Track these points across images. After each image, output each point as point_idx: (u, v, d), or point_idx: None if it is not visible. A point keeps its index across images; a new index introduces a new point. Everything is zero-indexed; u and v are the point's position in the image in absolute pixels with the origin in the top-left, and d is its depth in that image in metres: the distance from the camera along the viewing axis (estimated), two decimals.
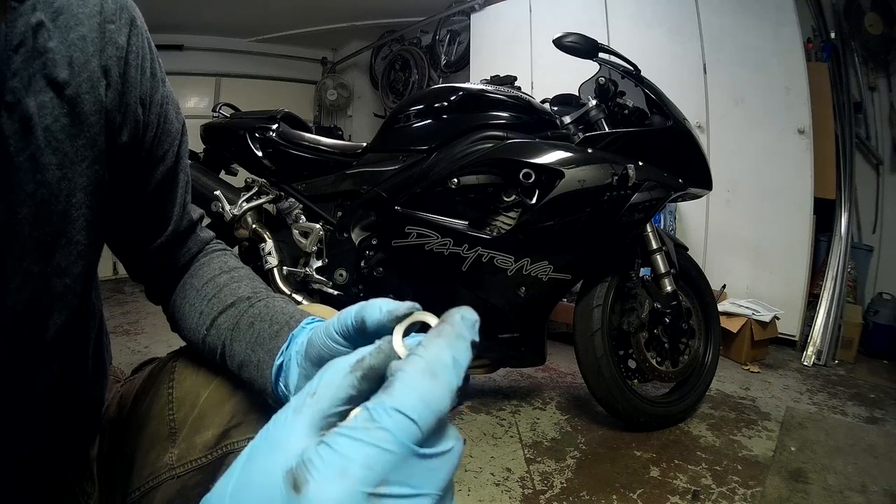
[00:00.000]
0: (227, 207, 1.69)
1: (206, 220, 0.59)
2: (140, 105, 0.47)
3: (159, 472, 0.53)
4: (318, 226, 1.67)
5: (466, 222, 1.55)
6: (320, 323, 0.41)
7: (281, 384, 0.43)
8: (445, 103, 1.62)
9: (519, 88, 1.75)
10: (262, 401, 0.48)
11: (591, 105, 1.67)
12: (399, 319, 0.31)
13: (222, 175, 1.88)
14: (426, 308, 0.33)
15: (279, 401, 0.44)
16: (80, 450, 0.56)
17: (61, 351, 0.46)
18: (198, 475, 0.53)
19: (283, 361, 0.42)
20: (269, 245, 1.68)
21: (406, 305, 0.31)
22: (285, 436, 0.23)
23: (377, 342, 0.28)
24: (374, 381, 0.25)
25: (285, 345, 0.43)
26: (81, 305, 0.47)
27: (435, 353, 0.23)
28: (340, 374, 0.25)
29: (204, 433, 0.52)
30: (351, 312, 0.34)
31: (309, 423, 0.23)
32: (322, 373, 0.26)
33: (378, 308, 0.32)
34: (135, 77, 0.46)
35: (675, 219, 2.78)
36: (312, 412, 0.24)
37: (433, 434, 0.21)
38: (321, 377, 0.25)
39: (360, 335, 0.34)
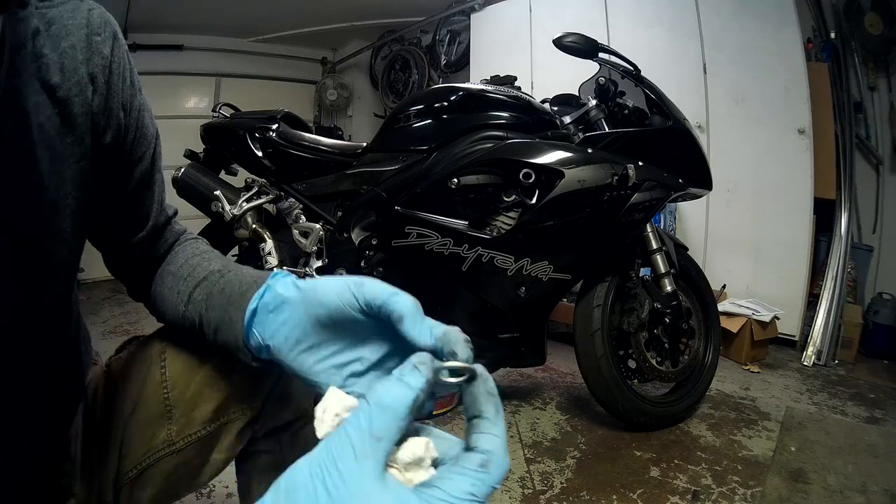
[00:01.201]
0: (227, 207, 1.69)
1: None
2: (122, 110, 0.51)
3: (156, 450, 0.56)
4: (318, 226, 1.67)
5: (466, 222, 1.55)
6: (317, 281, 0.41)
7: (256, 333, 0.44)
8: (445, 103, 1.62)
9: (519, 88, 1.75)
10: (256, 373, 0.50)
11: (591, 105, 1.67)
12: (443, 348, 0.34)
13: (222, 175, 1.88)
14: (425, 309, 0.35)
15: (251, 351, 0.45)
16: (58, 433, 0.57)
17: (41, 332, 0.49)
18: (197, 446, 0.57)
19: (256, 307, 0.44)
20: (269, 245, 1.68)
21: (447, 335, 0.34)
22: (362, 488, 0.25)
23: (425, 379, 0.30)
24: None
25: (260, 291, 0.44)
26: (64, 290, 0.50)
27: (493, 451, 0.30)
28: (400, 415, 0.28)
29: (203, 407, 0.56)
30: (381, 300, 0.36)
31: (379, 469, 0.26)
32: (376, 411, 0.27)
33: (423, 329, 0.34)
34: (117, 85, 0.50)
35: (675, 219, 2.78)
36: (380, 457, 0.27)
37: None
38: (379, 416, 0.27)
39: (384, 323, 0.36)
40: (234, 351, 0.48)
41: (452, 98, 1.62)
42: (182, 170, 1.75)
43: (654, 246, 1.68)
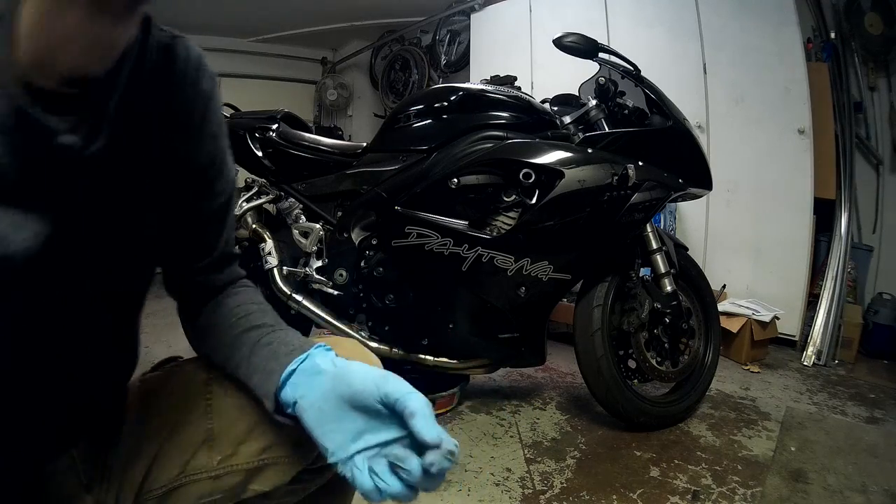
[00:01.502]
0: None
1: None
2: (212, 141, 0.58)
3: (194, 472, 0.59)
4: (318, 226, 1.67)
5: (466, 222, 1.55)
6: (351, 365, 0.50)
7: (288, 391, 0.51)
8: (445, 103, 1.62)
9: (519, 88, 1.75)
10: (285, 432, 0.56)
11: (591, 105, 1.67)
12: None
13: None
14: (426, 309, 0.38)
15: (281, 408, 0.52)
16: (83, 424, 0.58)
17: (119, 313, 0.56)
18: (238, 475, 0.59)
19: (295, 369, 0.51)
20: (269, 245, 1.68)
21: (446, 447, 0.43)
22: None
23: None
24: None
25: (302, 357, 0.52)
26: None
27: None
28: None
29: (253, 444, 0.59)
30: (397, 396, 0.45)
31: None
32: None
33: (431, 429, 0.43)
34: (211, 119, 0.57)
35: (675, 219, 2.78)
36: None
37: None
38: None
39: (399, 422, 0.46)
40: (262, 397, 0.54)
41: (452, 98, 1.62)
42: None
43: (654, 246, 1.68)
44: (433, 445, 0.42)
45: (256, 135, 1.75)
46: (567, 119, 1.68)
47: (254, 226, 1.70)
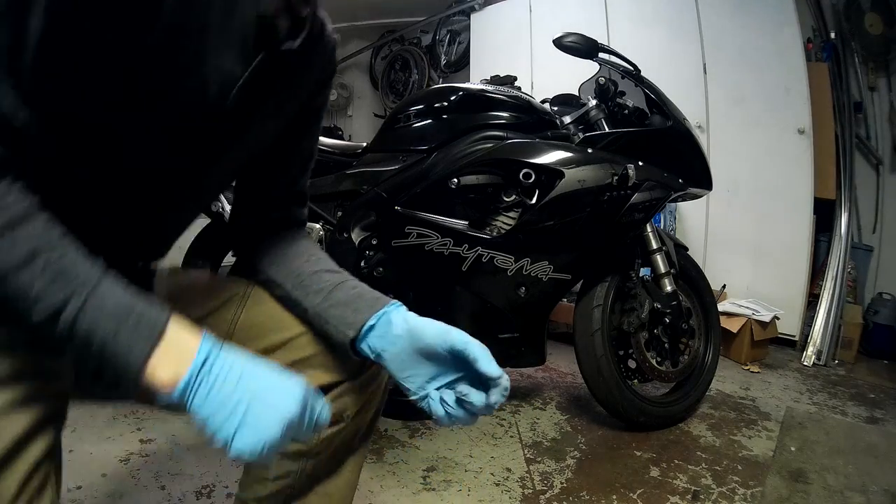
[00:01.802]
0: (227, 207, 1.68)
1: None
2: (326, 99, 0.72)
3: None
4: (318, 226, 1.66)
5: (466, 222, 1.55)
6: (420, 321, 0.60)
7: (370, 339, 0.60)
8: (445, 103, 1.62)
9: (519, 88, 1.75)
10: (323, 353, 0.65)
11: (591, 105, 1.67)
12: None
13: None
14: (426, 309, 0.40)
15: (358, 351, 0.61)
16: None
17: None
18: None
19: (374, 323, 0.61)
20: None
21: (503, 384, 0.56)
22: None
23: None
24: None
25: (380, 313, 0.61)
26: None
27: None
28: None
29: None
30: (460, 347, 0.56)
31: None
32: None
33: (493, 367, 0.56)
34: (331, 84, 0.72)
35: (675, 219, 2.78)
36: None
37: None
38: None
39: (461, 364, 0.58)
40: (345, 326, 0.61)
41: (452, 98, 1.62)
42: None
43: (654, 246, 1.68)
44: (496, 379, 0.55)
45: None
46: (567, 119, 1.68)
47: None
